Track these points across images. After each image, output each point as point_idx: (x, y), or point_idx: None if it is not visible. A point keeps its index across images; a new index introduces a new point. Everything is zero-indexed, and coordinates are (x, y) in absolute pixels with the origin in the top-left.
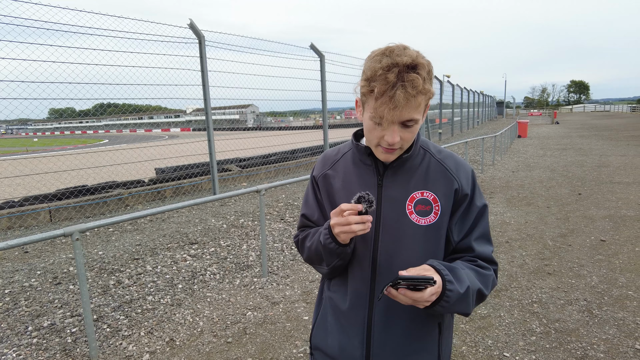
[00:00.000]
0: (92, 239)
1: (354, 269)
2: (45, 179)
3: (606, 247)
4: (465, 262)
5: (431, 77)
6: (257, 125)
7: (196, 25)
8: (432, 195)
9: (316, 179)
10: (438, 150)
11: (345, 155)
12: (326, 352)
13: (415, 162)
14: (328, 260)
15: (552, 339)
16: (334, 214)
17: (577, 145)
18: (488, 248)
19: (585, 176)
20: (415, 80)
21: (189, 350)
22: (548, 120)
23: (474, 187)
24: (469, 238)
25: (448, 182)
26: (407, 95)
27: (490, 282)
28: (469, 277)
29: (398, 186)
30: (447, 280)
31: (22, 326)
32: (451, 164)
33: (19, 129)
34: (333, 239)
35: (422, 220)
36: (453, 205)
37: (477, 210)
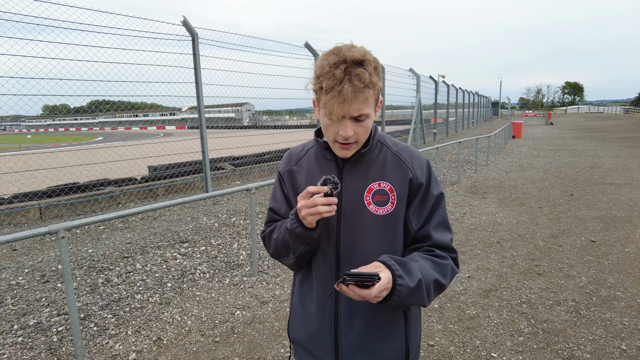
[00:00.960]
0: (82, 237)
1: (319, 261)
2: (37, 176)
3: (596, 247)
4: (422, 253)
5: (378, 72)
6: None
7: (190, 22)
8: (388, 186)
9: (282, 174)
10: (394, 144)
11: (309, 152)
12: (301, 343)
13: (372, 155)
14: (294, 248)
15: (539, 339)
16: (301, 197)
17: (571, 146)
18: (446, 235)
19: (577, 177)
20: (362, 74)
21: (176, 349)
22: (542, 121)
23: (429, 177)
24: (427, 227)
25: (403, 173)
26: (355, 89)
27: (449, 270)
28: (424, 269)
29: (357, 178)
30: (397, 275)
31: (8, 325)
32: (406, 155)
33: (12, 125)
34: (300, 223)
35: (379, 210)
36: (409, 194)
37: (434, 199)
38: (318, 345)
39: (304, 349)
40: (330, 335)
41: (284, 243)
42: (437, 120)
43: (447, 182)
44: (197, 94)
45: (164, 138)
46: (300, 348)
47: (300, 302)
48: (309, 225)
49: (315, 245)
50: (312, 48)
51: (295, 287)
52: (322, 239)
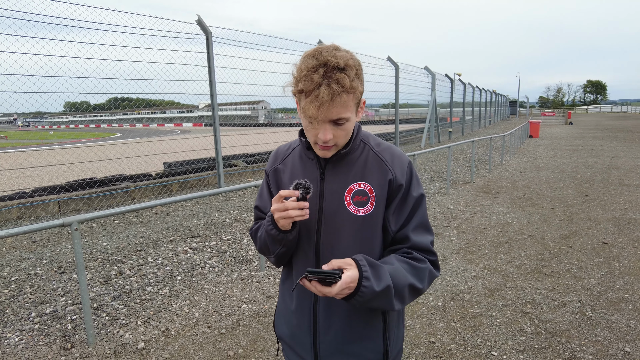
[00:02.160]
0: (97, 231)
1: (299, 260)
2: (56, 171)
3: (607, 249)
4: (399, 255)
5: (360, 76)
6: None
7: (204, 21)
8: (368, 186)
9: (268, 173)
10: (377, 144)
11: (294, 150)
12: (285, 340)
13: (354, 155)
14: (272, 248)
15: (541, 339)
16: (274, 200)
17: (590, 146)
18: (426, 238)
19: (594, 178)
20: (341, 79)
21: (183, 340)
22: (562, 120)
23: (410, 178)
24: (406, 228)
25: (383, 173)
26: (332, 93)
27: (426, 274)
28: (397, 273)
29: (338, 178)
30: (363, 276)
31: (26, 312)
32: (387, 155)
33: (35, 122)
34: (274, 226)
35: (359, 211)
36: (388, 195)
37: (414, 201)
38: (299, 343)
39: (288, 346)
40: (310, 334)
41: (264, 242)
42: (453, 119)
43: (460, 182)
44: (210, 92)
45: (180, 135)
46: (285, 344)
47: (283, 300)
48: (283, 227)
49: (292, 247)
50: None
51: (280, 284)
52: (302, 238)
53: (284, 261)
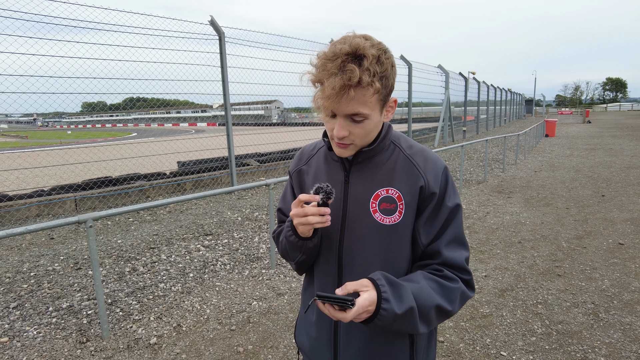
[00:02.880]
0: (112, 228)
1: (321, 268)
2: (73, 169)
3: (624, 250)
4: (427, 272)
5: (385, 72)
6: (281, 121)
7: (216, 21)
8: (396, 193)
9: (291, 173)
10: (409, 146)
11: (319, 151)
12: (304, 351)
13: (383, 157)
14: (292, 255)
15: (552, 340)
16: (294, 204)
17: (608, 145)
18: (460, 254)
19: (611, 177)
20: (353, 71)
21: (194, 335)
22: (579, 119)
23: (445, 185)
24: (438, 242)
25: (414, 179)
26: (344, 85)
27: (458, 295)
28: (422, 293)
29: (363, 183)
30: (382, 297)
31: (44, 307)
32: (419, 159)
33: (54, 122)
34: (294, 232)
35: (386, 220)
36: (419, 204)
37: (448, 211)
38: (318, 356)
39: (307, 358)
40: (330, 349)
41: (285, 248)
42: (468, 117)
43: (473, 181)
44: (223, 92)
45: (194, 134)
46: (304, 356)
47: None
48: (303, 234)
49: (313, 254)
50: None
51: (302, 292)
52: (323, 245)
53: (305, 269)
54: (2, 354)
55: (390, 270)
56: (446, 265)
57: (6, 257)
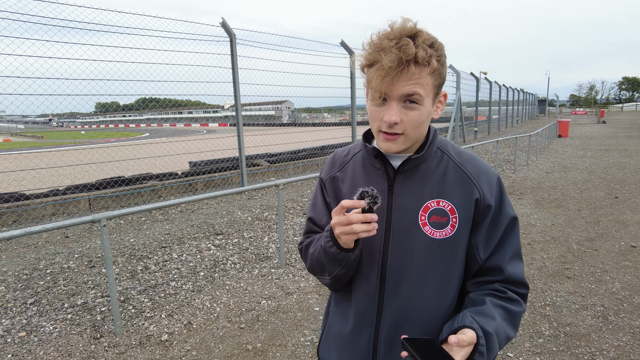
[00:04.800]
0: (125, 227)
1: (360, 283)
2: (87, 169)
3: (636, 253)
4: (496, 300)
5: (440, 57)
6: (291, 121)
7: (228, 23)
8: (449, 205)
9: (324, 181)
10: (458, 153)
11: (355, 157)
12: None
13: (430, 165)
14: (330, 269)
15: (560, 342)
16: (335, 212)
17: (623, 146)
18: (520, 268)
19: (625, 179)
20: (409, 45)
21: (204, 333)
22: (594, 119)
23: (500, 197)
24: (497, 256)
25: (468, 190)
26: (400, 61)
27: (520, 317)
28: (499, 331)
29: (410, 193)
30: (479, 351)
31: (59, 303)
32: (472, 168)
33: (69, 122)
34: (334, 242)
35: (436, 234)
36: (474, 217)
37: (506, 224)
38: None
39: None
40: None
41: (319, 261)
42: (480, 118)
43: None
44: (234, 93)
45: (206, 135)
46: None
47: (335, 323)
48: (345, 245)
49: (352, 268)
50: (348, 46)
51: (330, 304)
52: (363, 258)
53: (341, 285)
54: (20, 347)
55: (442, 288)
56: (509, 282)
57: (23, 254)
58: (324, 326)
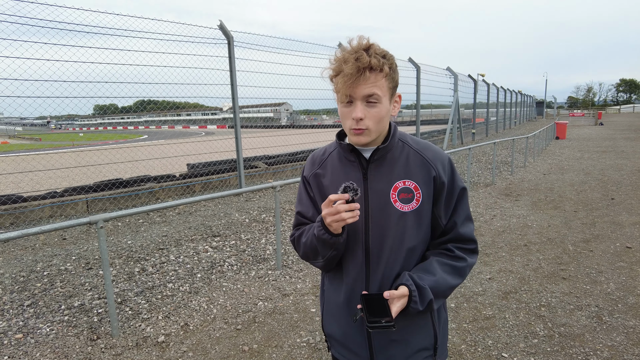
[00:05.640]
0: (123, 229)
1: (348, 260)
2: (84, 171)
3: (631, 254)
4: (442, 259)
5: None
6: (290, 123)
7: (225, 26)
8: (413, 184)
9: (307, 178)
10: (415, 142)
11: (332, 154)
12: (335, 338)
13: (394, 154)
14: (323, 252)
15: (554, 342)
16: (324, 205)
17: (620, 148)
18: (470, 227)
19: (622, 180)
20: (364, 56)
21: (200, 334)
22: (591, 121)
23: (452, 174)
24: (453, 220)
25: (426, 171)
26: (358, 68)
27: (467, 270)
28: (438, 284)
29: (382, 178)
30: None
31: (56, 305)
32: (428, 153)
33: (67, 124)
34: (326, 230)
35: (405, 207)
36: (434, 191)
37: (457, 194)
38: (351, 341)
39: (339, 343)
40: (363, 333)
41: (312, 247)
42: (478, 119)
43: (481, 184)
44: (232, 95)
45: (205, 137)
46: (335, 342)
47: (332, 299)
48: (335, 231)
49: (342, 249)
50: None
51: (325, 284)
52: (350, 238)
53: (333, 265)
54: (16, 349)
55: (412, 250)
56: (460, 239)
57: (21, 256)
58: (322, 304)
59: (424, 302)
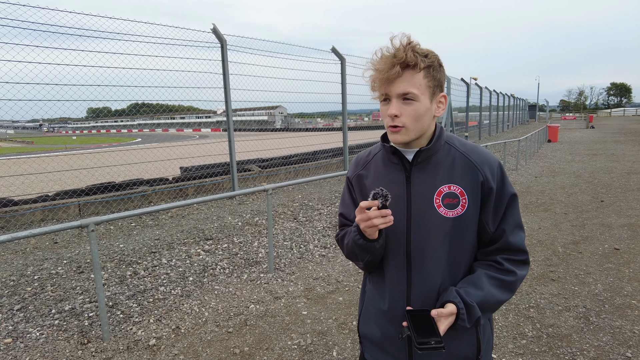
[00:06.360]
0: (115, 233)
1: (390, 263)
2: (77, 175)
3: (619, 255)
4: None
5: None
6: (284, 127)
7: (219, 29)
8: (458, 189)
9: (350, 179)
10: (462, 144)
11: (376, 156)
12: (372, 340)
13: (440, 156)
14: (361, 256)
15: (542, 343)
16: (357, 211)
17: (610, 150)
18: (520, 236)
19: (611, 183)
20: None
21: (192, 337)
22: (583, 124)
23: (501, 179)
24: (501, 228)
25: (473, 175)
26: (393, 64)
27: (517, 284)
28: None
29: (425, 181)
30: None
31: (47, 309)
32: (475, 157)
33: (60, 127)
34: (361, 235)
35: (449, 213)
36: (481, 197)
37: (507, 201)
38: (390, 343)
39: (376, 346)
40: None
41: (352, 251)
42: (470, 123)
43: None
44: (225, 98)
45: (199, 140)
46: (371, 344)
47: (373, 300)
48: (370, 237)
49: (380, 254)
50: (339, 52)
51: (366, 284)
52: (391, 242)
53: (374, 268)
54: (5, 354)
55: (456, 257)
56: (510, 249)
57: (11, 260)
58: (362, 305)
59: (471, 320)
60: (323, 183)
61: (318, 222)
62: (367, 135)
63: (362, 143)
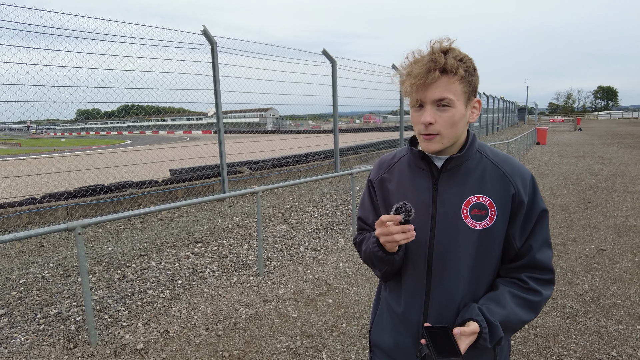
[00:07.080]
0: (103, 236)
1: (409, 271)
2: (64, 177)
3: (605, 256)
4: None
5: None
6: (276, 129)
7: (209, 31)
8: (488, 200)
9: (372, 182)
10: (495, 154)
11: (401, 160)
12: (383, 349)
13: (470, 165)
14: (379, 266)
15: (530, 343)
16: (377, 224)
17: (597, 152)
18: (547, 254)
19: (598, 185)
20: (439, 58)
21: (180, 341)
22: (571, 126)
23: (533, 193)
24: (529, 244)
25: (504, 187)
26: (428, 69)
27: (541, 304)
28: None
29: (453, 190)
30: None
31: (32, 313)
32: (508, 167)
33: (48, 129)
34: (380, 248)
35: (477, 225)
36: (511, 211)
37: (537, 216)
38: (403, 354)
39: (387, 356)
40: (416, 347)
41: (369, 259)
42: None
43: None
44: (215, 100)
45: (189, 142)
46: (382, 353)
47: (387, 308)
48: (390, 250)
49: (398, 265)
50: (330, 55)
51: (381, 291)
52: (411, 251)
53: (391, 277)
54: None
55: (480, 271)
56: (536, 267)
57: None
58: (375, 312)
59: (493, 340)
60: (314, 185)
61: (309, 224)
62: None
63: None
